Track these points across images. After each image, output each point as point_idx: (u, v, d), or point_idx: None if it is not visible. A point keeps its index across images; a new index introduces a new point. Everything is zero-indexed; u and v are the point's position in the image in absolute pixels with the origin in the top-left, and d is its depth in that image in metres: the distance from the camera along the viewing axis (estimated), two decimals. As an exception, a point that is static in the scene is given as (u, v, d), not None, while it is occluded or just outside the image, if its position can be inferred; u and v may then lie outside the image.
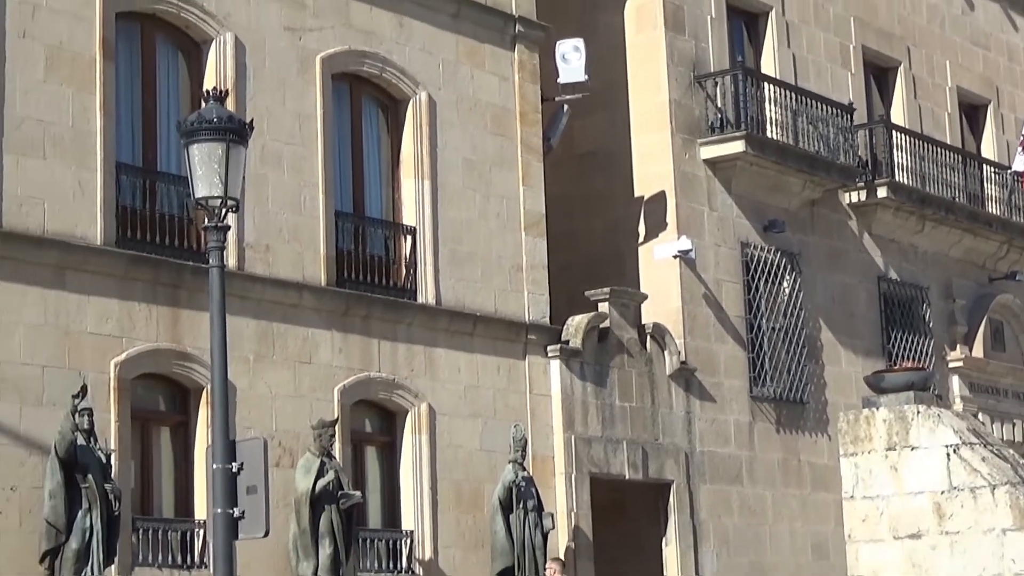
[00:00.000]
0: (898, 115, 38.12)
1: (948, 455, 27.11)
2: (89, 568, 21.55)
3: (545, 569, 26.40)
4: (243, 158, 17.92)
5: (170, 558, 23.83)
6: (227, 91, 19.36)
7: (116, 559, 22.24)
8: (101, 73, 23.74)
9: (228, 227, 17.95)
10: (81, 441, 21.67)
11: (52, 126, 22.94)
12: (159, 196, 24.43)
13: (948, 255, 38.54)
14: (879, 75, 38.28)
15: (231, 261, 23.71)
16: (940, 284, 38.23)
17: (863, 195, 35.58)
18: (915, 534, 29.44)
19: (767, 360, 33.19)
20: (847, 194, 35.49)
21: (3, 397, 21.85)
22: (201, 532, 23.95)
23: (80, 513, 21.63)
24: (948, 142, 39.25)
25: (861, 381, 33.57)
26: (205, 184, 17.56)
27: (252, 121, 18.51)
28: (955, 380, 38.20)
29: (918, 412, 31.20)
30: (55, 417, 21.80)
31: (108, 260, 23.14)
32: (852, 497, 31.35)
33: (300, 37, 26.56)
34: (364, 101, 27.95)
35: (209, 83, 24.87)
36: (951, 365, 38.13)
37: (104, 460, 22.04)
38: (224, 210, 17.61)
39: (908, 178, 36.66)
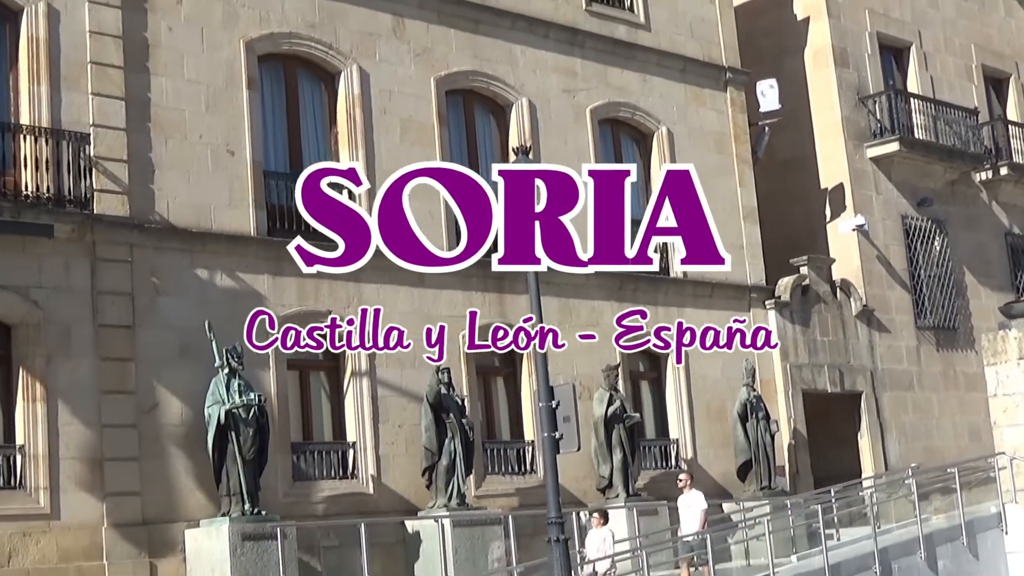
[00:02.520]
0: (1012, 113, 37.07)
1: (1065, 361, 26.92)
2: (455, 478, 22.12)
3: (778, 465, 26.26)
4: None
5: (509, 468, 24.28)
6: (530, 146, 19.72)
7: (473, 471, 22.88)
8: (438, 135, 24.30)
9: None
10: (443, 391, 22.23)
11: (408, 175, 23.66)
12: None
13: (1058, 213, 37.64)
14: (995, 85, 37.19)
15: (539, 257, 24.01)
16: (1053, 235, 37.35)
17: (990, 174, 34.74)
18: (1044, 420, 29.23)
19: (926, 299, 32.67)
20: (977, 174, 34.67)
21: (389, 364, 22.56)
22: (530, 449, 24.35)
23: (446, 440, 22.20)
24: (1052, 130, 38.27)
25: (996, 310, 33.35)
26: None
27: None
28: (1068, 305, 37.31)
29: (1041, 330, 30.96)
30: (424, 376, 22.37)
31: (449, 266, 23.44)
32: (995, 395, 31.08)
33: (574, 96, 26.77)
34: (622, 137, 27.94)
35: (513, 135, 25.34)
36: (1065, 294, 37.33)
37: (460, 403, 22.61)
38: None
39: (1023, 159, 35.81)
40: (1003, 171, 34.90)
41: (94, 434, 19.49)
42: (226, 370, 20.02)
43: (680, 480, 23.37)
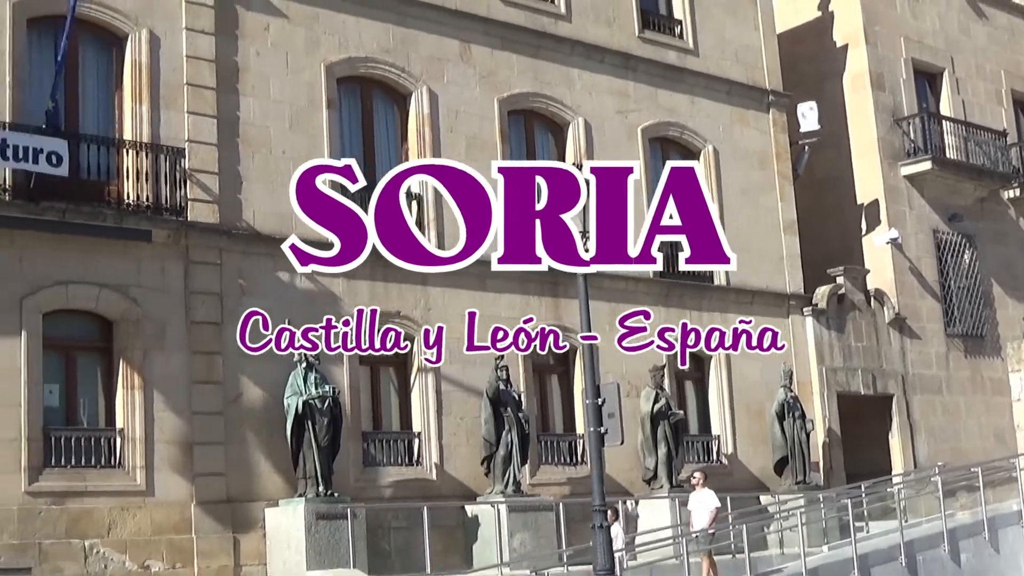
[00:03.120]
0: (1040, 135, 37.24)
1: (1086, 367, 27.12)
2: (512, 467, 22.57)
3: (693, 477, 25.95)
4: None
5: (561, 459, 24.64)
6: (582, 164, 19.99)
7: (528, 461, 23.30)
8: (500, 152, 24.68)
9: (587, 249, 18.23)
10: (502, 387, 22.70)
11: (473, 187, 24.07)
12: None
13: (1082, 229, 37.43)
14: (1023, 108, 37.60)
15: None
16: (1077, 250, 37.16)
17: (1017, 192, 34.80)
18: (1065, 423, 29.38)
19: (955, 309, 32.78)
20: (1005, 192, 34.70)
21: (453, 362, 22.76)
22: (580, 441, 24.58)
23: (504, 432, 22.62)
24: (1077, 151, 38.06)
25: (1022, 320, 33.46)
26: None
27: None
28: (1090, 316, 37.17)
29: (1063, 339, 31.11)
30: (484, 372, 22.85)
31: (509, 272, 22.61)
32: (1019, 400, 31.31)
33: (626, 116, 27.16)
34: (671, 155, 27.95)
35: (569, 152, 25.75)
36: (1087, 305, 37.13)
37: (517, 398, 23.04)
38: (585, 239, 17.75)
39: (1049, 178, 35.84)
40: (1030, 189, 34.95)
41: (185, 420, 20.23)
42: (304, 364, 20.59)
43: (694, 477, 22.51)
